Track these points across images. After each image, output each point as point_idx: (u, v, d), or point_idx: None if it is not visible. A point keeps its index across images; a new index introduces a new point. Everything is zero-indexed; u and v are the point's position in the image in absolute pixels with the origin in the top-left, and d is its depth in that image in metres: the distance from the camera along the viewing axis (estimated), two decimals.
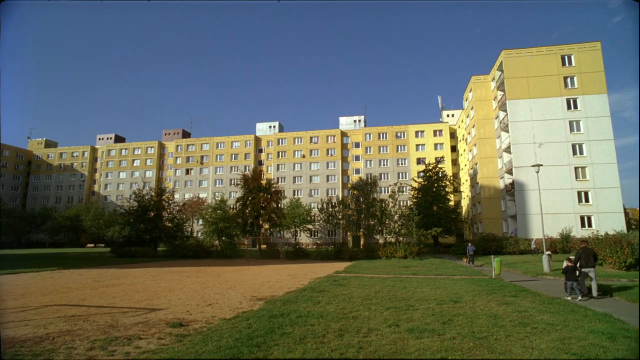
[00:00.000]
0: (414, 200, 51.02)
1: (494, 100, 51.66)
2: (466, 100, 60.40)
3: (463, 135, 65.73)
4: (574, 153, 43.02)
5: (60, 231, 78.66)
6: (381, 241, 44.56)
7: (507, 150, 46.55)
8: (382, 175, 73.26)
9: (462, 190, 66.90)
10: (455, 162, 73.75)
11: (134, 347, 6.13)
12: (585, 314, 8.77)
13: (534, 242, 35.89)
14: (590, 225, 41.13)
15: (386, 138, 76.16)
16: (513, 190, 44.50)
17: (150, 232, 40.39)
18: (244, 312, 9.08)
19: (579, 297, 11.29)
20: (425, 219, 44.48)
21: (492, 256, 18.77)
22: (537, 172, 23.08)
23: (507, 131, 46.35)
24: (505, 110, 47.13)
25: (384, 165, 75.09)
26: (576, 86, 44.46)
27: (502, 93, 48.35)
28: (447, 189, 51.28)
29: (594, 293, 11.60)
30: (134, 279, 17.36)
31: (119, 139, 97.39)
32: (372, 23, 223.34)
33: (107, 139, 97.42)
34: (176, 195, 70.99)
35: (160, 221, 41.32)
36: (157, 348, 6.04)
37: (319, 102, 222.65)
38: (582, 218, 41.46)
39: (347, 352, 5.83)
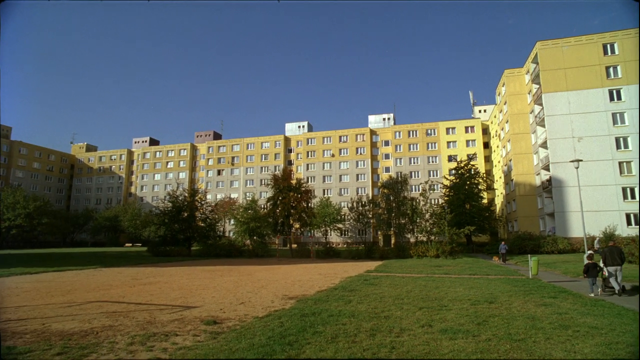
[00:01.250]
0: (446, 198, 49.98)
1: (529, 94, 49.77)
2: (499, 94, 58.52)
3: (496, 131, 63.75)
4: (618, 147, 40.74)
5: (100, 231, 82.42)
6: (412, 240, 43.95)
7: (544, 145, 44.73)
8: (413, 173, 72.20)
9: (495, 187, 64.92)
10: (488, 159, 71.68)
11: (171, 343, 6.33)
12: (634, 318, 8.30)
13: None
14: (638, 223, 38.85)
15: (416, 135, 74.99)
16: (550, 187, 42.72)
17: (184, 232, 41.49)
18: (276, 311, 9.18)
19: (600, 291, 11.93)
20: (458, 217, 43.46)
21: (529, 255, 18.10)
22: (577, 167, 22.03)
23: (543, 126, 44.54)
24: (540, 104, 45.31)
25: (414, 163, 73.99)
26: (620, 76, 42.04)
27: (538, 86, 46.49)
28: (480, 187, 49.88)
29: (616, 290, 11.71)
30: (170, 277, 17.91)
31: (153, 142, 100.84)
32: (400, 19, 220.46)
33: (143, 142, 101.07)
34: (208, 196, 72.80)
35: (194, 221, 42.37)
36: (193, 344, 6.20)
37: (348, 101, 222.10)
38: (627, 216, 39.22)
39: (379, 352, 5.78)
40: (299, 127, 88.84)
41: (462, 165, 50.42)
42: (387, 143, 77.92)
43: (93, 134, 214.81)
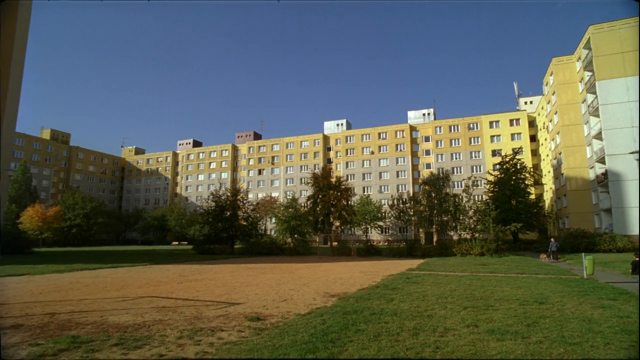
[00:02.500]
0: (490, 194, 48.13)
1: (580, 82, 46.82)
2: (546, 85, 55.47)
3: (544, 124, 60.51)
4: None
5: (149, 230, 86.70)
6: (455, 238, 42.78)
7: (598, 136, 41.92)
8: (455, 169, 70.19)
9: (544, 182, 61.69)
10: (535, 153, 68.24)
11: (217, 338, 6.54)
12: None
13: None
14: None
15: (458, 130, 72.79)
16: (606, 181, 39.95)
17: (227, 231, 42.59)
18: (318, 308, 9.25)
19: None
20: (503, 214, 41.72)
21: (583, 254, 17.05)
22: (638, 159, 20.48)
23: (597, 116, 41.73)
24: (594, 93, 42.48)
25: (456, 158, 71.89)
26: None
27: (591, 74, 43.59)
28: (526, 182, 47.61)
29: None
30: (214, 274, 18.51)
31: (196, 144, 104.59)
32: (438, 10, 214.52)
33: (187, 144, 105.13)
34: (250, 195, 74.47)
35: (236, 220, 43.41)
36: (238, 340, 6.38)
37: (386, 97, 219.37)
38: None
39: (423, 352, 5.68)
40: (338, 125, 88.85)
41: (507, 159, 48.33)
42: (427, 139, 76.21)
43: (141, 137, 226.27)
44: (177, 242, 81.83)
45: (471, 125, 71.89)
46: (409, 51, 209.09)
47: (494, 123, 70.17)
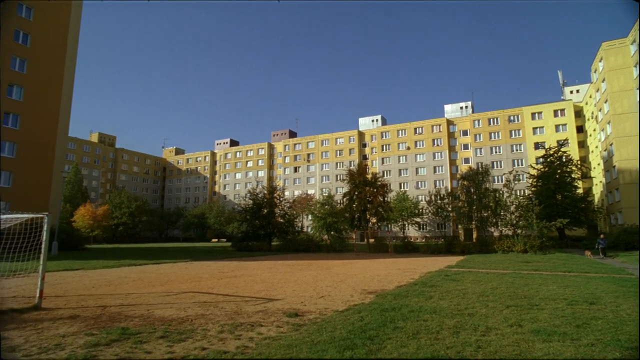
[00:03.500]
0: (533, 189, 46.10)
1: (635, 67, 43.72)
2: (595, 71, 52.24)
3: (592, 113, 57.12)
4: None
5: (190, 228, 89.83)
6: (496, 234, 41.33)
7: None
8: (495, 163, 67.82)
9: (593, 176, 58.29)
10: (582, 145, 64.62)
11: (257, 333, 6.68)
12: None
13: None
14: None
15: (497, 123, 70.22)
16: None
17: (264, 228, 43.29)
18: (356, 305, 9.23)
19: None
20: (548, 209, 39.86)
21: (639, 252, 15.98)
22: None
23: None
24: None
25: (496, 152, 69.42)
26: None
27: None
28: (573, 175, 45.20)
29: None
30: (253, 271, 18.89)
31: (233, 143, 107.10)
32: None
33: (224, 143, 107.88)
34: (286, 193, 75.34)
35: (273, 217, 44.05)
36: (277, 335, 6.49)
37: (422, 91, 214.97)
38: None
39: (464, 351, 5.53)
40: (373, 121, 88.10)
41: (552, 152, 46.09)
42: (465, 133, 74.05)
43: (181, 138, 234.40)
44: (216, 239, 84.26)
45: (512, 118, 69.13)
46: (445, 43, 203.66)
47: (537, 114, 67.07)
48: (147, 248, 48.02)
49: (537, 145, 62.90)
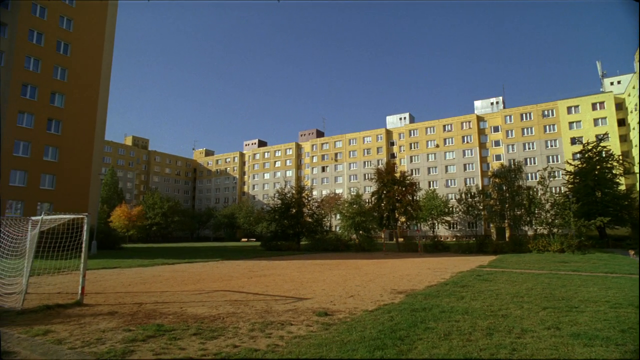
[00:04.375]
0: (570, 186, 44.25)
1: None
2: (638, 61, 49.53)
3: (635, 105, 54.16)
4: None
5: (220, 227, 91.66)
6: (530, 233, 39.97)
7: None
8: (528, 160, 65.59)
9: (636, 171, 55.30)
10: (624, 139, 61.39)
11: (287, 331, 6.74)
12: None
13: None
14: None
15: (530, 118, 67.84)
16: None
17: (293, 228, 43.56)
18: (385, 305, 9.15)
19: None
20: (586, 207, 38.16)
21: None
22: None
23: None
24: None
25: (529, 148, 67.11)
26: None
27: None
28: (614, 171, 43.03)
29: None
30: (282, 270, 19.08)
31: (261, 144, 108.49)
32: None
33: (252, 144, 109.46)
34: (314, 192, 75.70)
35: (302, 217, 44.25)
36: (307, 334, 6.52)
37: (450, 88, 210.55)
38: None
39: (498, 353, 5.37)
40: (401, 119, 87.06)
41: (590, 147, 44.05)
42: (496, 129, 71.98)
43: (210, 139, 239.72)
44: (246, 239, 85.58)
45: (546, 112, 66.61)
46: (474, 38, 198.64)
47: (573, 108, 64.30)
48: (179, 247, 49.38)
49: (574, 141, 60.25)
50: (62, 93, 38.27)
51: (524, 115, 68.47)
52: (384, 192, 42.29)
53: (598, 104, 62.61)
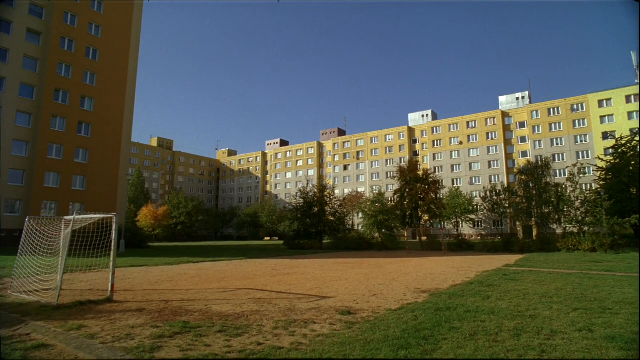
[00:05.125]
0: (602, 182, 42.59)
1: None
2: None
3: None
4: None
5: (243, 226, 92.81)
6: (559, 231, 38.81)
7: None
8: (556, 156, 63.59)
9: None
10: None
11: (310, 330, 6.75)
12: None
13: None
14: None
15: (558, 113, 65.71)
16: None
17: (315, 226, 43.67)
18: (409, 304, 9.06)
19: None
20: (620, 204, 36.61)
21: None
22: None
23: None
24: None
25: (557, 144, 65.04)
26: None
27: None
28: None
29: None
30: (305, 268, 19.15)
31: (283, 143, 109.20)
32: None
33: (274, 143, 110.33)
34: (336, 191, 75.63)
35: (324, 216, 44.31)
36: (330, 333, 6.52)
37: (474, 84, 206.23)
38: None
39: (527, 355, 5.23)
40: (423, 116, 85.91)
41: (624, 142, 42.24)
42: (522, 125, 70.07)
43: (233, 139, 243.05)
44: (268, 238, 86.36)
45: (575, 107, 64.35)
46: (498, 32, 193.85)
47: (605, 102, 61.87)
48: (204, 246, 50.25)
49: (606, 135, 57.99)
50: (91, 97, 39.64)
51: (551, 110, 66.37)
52: (407, 190, 41.89)
53: (632, 97, 60.03)
